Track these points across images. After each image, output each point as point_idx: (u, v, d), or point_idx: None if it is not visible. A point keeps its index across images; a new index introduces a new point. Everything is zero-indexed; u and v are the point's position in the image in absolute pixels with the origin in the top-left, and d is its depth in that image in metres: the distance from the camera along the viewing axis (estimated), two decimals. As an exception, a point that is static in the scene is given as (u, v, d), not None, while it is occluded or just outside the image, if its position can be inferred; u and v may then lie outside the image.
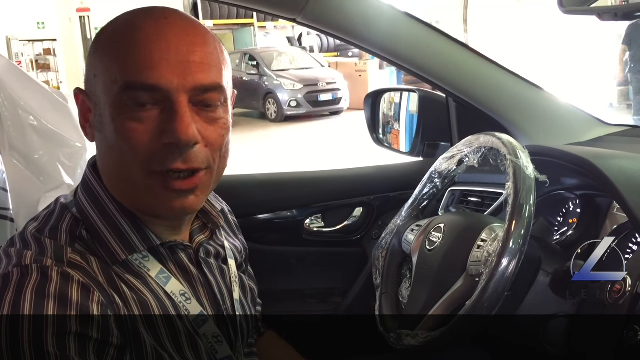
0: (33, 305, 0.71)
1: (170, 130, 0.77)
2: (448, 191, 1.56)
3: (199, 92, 0.79)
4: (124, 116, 0.78)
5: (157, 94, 0.77)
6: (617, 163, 1.05)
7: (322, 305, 1.75)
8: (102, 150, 0.84)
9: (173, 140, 0.77)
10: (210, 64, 0.81)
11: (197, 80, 0.78)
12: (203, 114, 0.81)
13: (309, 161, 7.70)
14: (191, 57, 0.78)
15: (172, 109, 0.77)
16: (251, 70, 12.57)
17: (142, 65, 0.77)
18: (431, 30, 1.47)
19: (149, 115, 0.78)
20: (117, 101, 0.78)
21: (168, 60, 0.77)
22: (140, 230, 0.85)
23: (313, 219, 1.78)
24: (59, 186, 1.75)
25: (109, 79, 0.78)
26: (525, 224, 0.90)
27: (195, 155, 0.80)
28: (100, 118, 0.81)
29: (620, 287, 0.93)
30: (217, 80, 0.81)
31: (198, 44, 0.80)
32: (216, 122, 0.82)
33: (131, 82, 0.77)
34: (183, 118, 0.77)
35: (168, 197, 0.81)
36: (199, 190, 0.83)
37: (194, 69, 0.78)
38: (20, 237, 0.83)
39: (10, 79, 1.73)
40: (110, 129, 0.79)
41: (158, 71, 0.77)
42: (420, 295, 1.06)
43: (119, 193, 0.85)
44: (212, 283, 0.93)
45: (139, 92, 0.77)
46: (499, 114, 1.50)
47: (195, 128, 0.78)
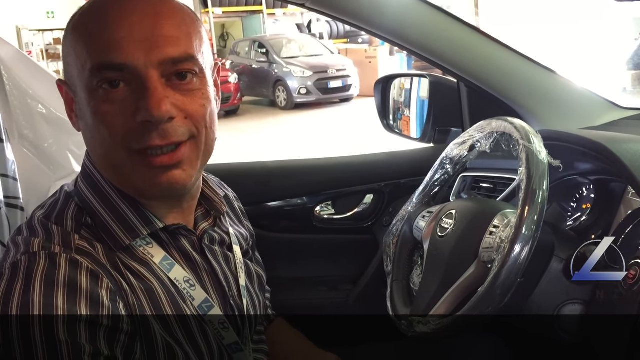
0: (43, 293, 0.71)
1: (142, 107, 0.76)
2: (459, 177, 1.55)
3: (168, 65, 0.78)
4: (98, 99, 0.77)
5: (126, 72, 0.76)
6: (633, 147, 1.03)
7: (333, 292, 1.75)
8: (87, 137, 0.83)
9: (146, 117, 0.76)
10: (178, 36, 0.79)
11: (164, 53, 0.77)
12: (178, 87, 0.79)
13: (320, 149, 7.69)
14: (156, 32, 0.77)
15: (142, 86, 0.77)
16: (260, 58, 12.56)
17: (107, 45, 0.76)
18: (442, 14, 1.45)
19: (121, 95, 0.77)
20: (89, 85, 0.78)
21: (133, 38, 0.76)
22: (141, 213, 0.85)
23: (323, 206, 1.77)
24: (68, 174, 1.75)
25: (80, 64, 0.78)
26: (539, 210, 0.88)
27: (173, 130, 0.79)
28: (80, 105, 0.81)
29: (635, 273, 0.92)
30: (187, 50, 0.80)
31: (163, 17, 0.79)
32: (193, 92, 0.81)
33: (99, 63, 0.76)
34: (154, 94, 0.76)
35: (153, 175, 0.80)
36: (185, 165, 0.82)
37: (160, 42, 0.77)
38: (27, 225, 0.83)
39: (19, 68, 1.73)
40: (88, 114, 0.79)
41: (124, 49, 0.76)
42: (432, 282, 1.05)
43: (111, 177, 0.85)
44: (216, 270, 0.93)
45: (108, 72, 0.76)
46: (511, 98, 1.48)
47: (168, 102, 0.77)
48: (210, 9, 15.90)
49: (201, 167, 0.87)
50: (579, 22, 10.77)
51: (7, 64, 1.70)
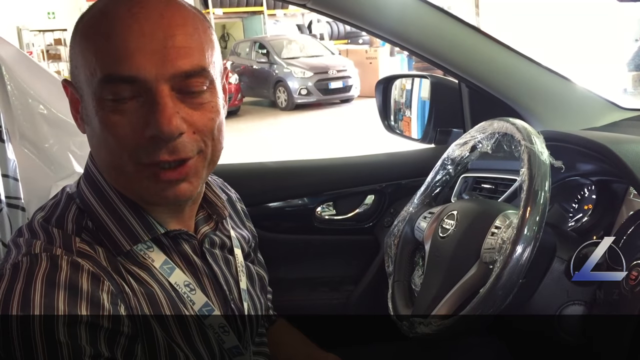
0: (43, 295, 0.70)
1: (152, 122, 0.74)
2: (461, 178, 1.55)
3: (180, 78, 0.75)
4: (107, 109, 0.75)
5: (137, 85, 0.74)
6: (634, 148, 1.03)
7: (334, 293, 1.74)
8: (93, 142, 0.82)
9: (156, 132, 0.74)
10: (191, 47, 0.77)
11: (176, 67, 0.75)
12: (188, 101, 0.77)
13: (320, 149, 7.68)
14: (169, 43, 0.75)
15: (153, 100, 0.74)
16: (261, 59, 12.55)
17: (118, 56, 0.74)
18: (443, 14, 1.44)
19: (130, 107, 0.75)
20: (98, 94, 0.75)
21: (144, 49, 0.73)
22: (143, 219, 0.84)
23: (324, 206, 1.77)
24: (69, 175, 1.75)
25: (89, 71, 0.76)
26: (540, 211, 0.88)
27: (182, 145, 0.77)
28: (86, 110, 0.79)
29: (637, 274, 0.92)
30: (199, 63, 0.77)
31: (176, 27, 0.76)
32: (203, 106, 0.79)
33: (109, 74, 0.74)
34: (164, 109, 0.74)
35: (160, 188, 0.79)
36: (192, 177, 0.81)
37: (172, 55, 0.75)
38: (27, 227, 0.83)
39: (20, 68, 1.73)
40: (96, 122, 0.77)
41: (135, 61, 0.73)
42: (433, 283, 1.05)
43: (115, 182, 0.84)
44: (217, 274, 0.92)
45: (118, 84, 0.74)
46: (513, 99, 1.48)
47: (178, 118, 0.75)
48: (210, 9, 15.90)
49: (206, 176, 0.86)
50: (580, 22, 10.77)
51: (8, 64, 1.70)
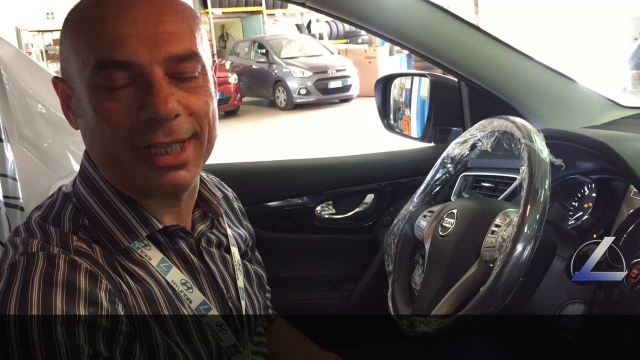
0: (41, 294, 0.70)
1: (148, 105, 0.75)
2: (461, 176, 1.55)
3: (173, 62, 0.77)
4: (101, 96, 0.76)
5: (131, 69, 0.76)
6: (635, 146, 1.02)
7: (334, 292, 1.74)
8: (87, 135, 0.82)
9: (152, 114, 0.75)
10: (182, 33, 0.79)
11: (169, 50, 0.76)
12: (182, 85, 0.79)
13: (320, 149, 7.69)
14: (160, 28, 0.76)
15: (147, 83, 0.76)
16: (260, 58, 12.55)
17: (111, 42, 0.75)
18: (442, 13, 1.44)
19: (125, 92, 0.76)
20: (91, 82, 0.76)
21: (137, 34, 0.75)
22: (139, 214, 0.84)
23: (324, 206, 1.77)
24: (68, 174, 1.74)
25: (81, 60, 0.77)
26: (541, 209, 0.88)
27: (178, 127, 0.78)
28: (79, 102, 0.80)
29: (637, 272, 0.92)
30: (190, 47, 0.79)
31: (166, 14, 0.78)
32: (196, 90, 0.80)
33: (102, 60, 0.75)
34: (160, 91, 0.75)
35: (157, 175, 0.79)
36: (190, 165, 0.81)
37: (164, 39, 0.76)
38: (24, 227, 0.83)
39: (18, 67, 1.72)
40: (90, 111, 0.78)
41: (128, 46, 0.75)
42: (433, 281, 1.05)
43: (111, 176, 0.84)
44: (214, 272, 0.92)
45: (111, 69, 0.75)
46: (513, 97, 1.47)
47: (174, 100, 0.76)
48: (209, 9, 15.90)
49: (202, 164, 0.86)
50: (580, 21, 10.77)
51: (6, 63, 1.69)
